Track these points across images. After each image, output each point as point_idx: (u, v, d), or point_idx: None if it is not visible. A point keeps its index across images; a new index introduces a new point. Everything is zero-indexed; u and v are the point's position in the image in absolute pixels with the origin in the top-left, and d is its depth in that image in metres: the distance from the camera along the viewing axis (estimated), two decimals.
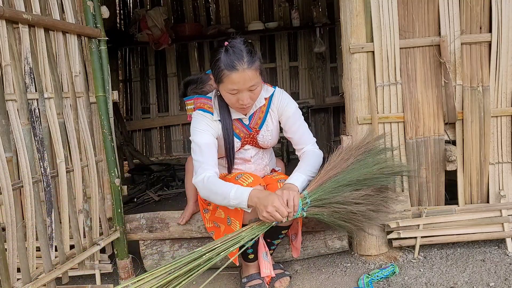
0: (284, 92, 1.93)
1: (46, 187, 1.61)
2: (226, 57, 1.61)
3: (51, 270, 1.61)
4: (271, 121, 1.91)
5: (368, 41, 2.04)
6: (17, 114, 1.48)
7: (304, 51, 5.17)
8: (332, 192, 1.71)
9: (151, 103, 5.30)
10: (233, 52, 1.61)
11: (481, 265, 1.98)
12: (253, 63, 1.63)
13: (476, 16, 2.02)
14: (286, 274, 1.98)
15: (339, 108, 5.03)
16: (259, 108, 1.87)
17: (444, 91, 2.04)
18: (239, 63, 1.60)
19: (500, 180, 2.11)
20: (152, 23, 4.61)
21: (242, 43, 1.65)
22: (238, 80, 1.62)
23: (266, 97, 1.88)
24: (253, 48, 1.68)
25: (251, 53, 1.64)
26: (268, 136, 1.91)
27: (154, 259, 2.16)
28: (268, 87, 1.90)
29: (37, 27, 1.62)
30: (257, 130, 1.89)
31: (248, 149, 1.92)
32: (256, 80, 1.66)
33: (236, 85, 1.64)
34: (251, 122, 1.87)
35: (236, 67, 1.60)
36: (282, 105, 1.89)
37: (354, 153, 1.87)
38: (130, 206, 3.45)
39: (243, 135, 1.88)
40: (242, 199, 1.59)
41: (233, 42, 1.65)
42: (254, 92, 1.70)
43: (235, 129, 1.86)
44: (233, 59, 1.60)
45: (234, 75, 1.61)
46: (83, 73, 1.91)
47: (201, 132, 1.77)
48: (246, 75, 1.62)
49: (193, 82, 2.23)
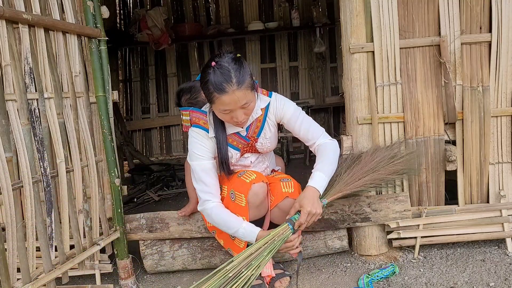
0: (279, 97, 1.88)
1: (46, 187, 1.61)
2: (214, 78, 1.57)
3: (51, 270, 1.61)
4: (269, 128, 1.88)
5: (368, 41, 2.04)
6: (17, 114, 1.48)
7: (304, 51, 5.18)
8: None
9: (151, 103, 5.30)
10: (221, 74, 1.56)
11: (481, 265, 1.98)
12: (242, 82, 1.58)
13: (476, 16, 2.02)
14: (286, 274, 1.97)
15: (339, 108, 5.03)
16: (256, 119, 1.84)
17: (444, 91, 2.04)
18: (228, 85, 1.56)
19: (500, 180, 2.11)
20: (152, 23, 4.61)
21: (230, 61, 1.59)
22: (229, 102, 1.59)
23: (263, 108, 1.84)
24: (241, 64, 1.61)
25: (240, 71, 1.58)
26: (267, 143, 1.90)
27: (154, 259, 2.16)
28: (263, 96, 1.85)
29: (37, 27, 1.62)
30: (256, 139, 1.87)
31: (248, 156, 1.92)
32: (248, 98, 1.62)
33: (228, 106, 1.60)
34: (249, 132, 1.85)
35: (225, 90, 1.56)
36: (279, 110, 1.85)
37: (370, 162, 1.92)
38: (130, 206, 3.45)
39: (242, 145, 1.87)
40: (251, 238, 1.70)
41: (221, 62, 1.59)
42: (248, 108, 1.65)
43: (233, 142, 1.84)
44: (221, 81, 1.56)
45: (224, 97, 1.57)
46: (83, 73, 1.91)
47: (199, 158, 1.77)
48: (236, 96, 1.58)
49: (187, 91, 2.15)
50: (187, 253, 2.15)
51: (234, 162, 1.90)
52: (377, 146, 2.05)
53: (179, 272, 2.20)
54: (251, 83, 1.63)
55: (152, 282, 2.15)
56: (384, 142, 2.09)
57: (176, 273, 2.20)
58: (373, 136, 2.08)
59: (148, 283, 2.14)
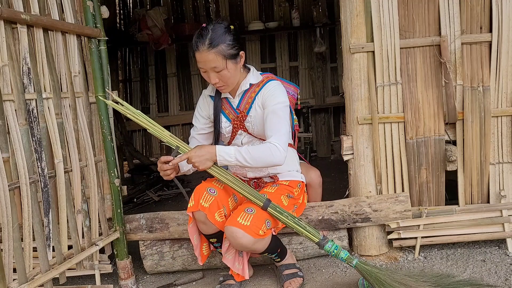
0: (277, 86, 1.85)
1: (44, 187, 1.60)
2: (195, 37, 1.74)
3: (47, 271, 1.60)
4: (255, 108, 1.87)
5: (368, 41, 2.04)
6: (14, 114, 1.47)
7: (304, 51, 5.16)
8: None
9: (151, 103, 5.29)
10: (200, 34, 1.72)
11: (481, 265, 1.97)
12: (215, 46, 1.69)
13: (477, 16, 2.01)
14: (299, 275, 1.92)
15: (339, 108, 5.02)
16: (248, 93, 1.88)
17: (445, 91, 2.03)
18: (200, 44, 1.71)
19: (500, 180, 2.10)
20: (152, 23, 4.60)
21: (215, 27, 1.73)
22: (199, 60, 1.73)
23: (253, 83, 1.87)
24: (224, 32, 1.72)
25: (218, 37, 1.70)
26: (256, 123, 1.87)
27: (154, 259, 2.15)
28: (258, 75, 1.90)
29: (35, 27, 1.61)
30: (245, 115, 1.88)
31: (241, 134, 1.92)
32: (218, 63, 1.71)
33: (200, 64, 1.75)
34: (240, 105, 1.89)
35: (197, 48, 1.72)
36: (265, 96, 1.83)
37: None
38: (130, 206, 3.45)
39: (232, 117, 1.91)
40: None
41: (208, 25, 1.74)
42: (221, 74, 1.74)
43: (225, 109, 1.93)
44: (197, 40, 1.72)
45: (197, 54, 1.73)
46: (82, 73, 1.91)
47: (195, 117, 1.99)
48: (206, 56, 1.70)
49: None
50: (187, 254, 2.15)
51: (228, 137, 1.93)
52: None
53: (179, 272, 2.20)
54: (227, 52, 1.72)
55: (152, 282, 2.14)
56: (384, 143, 2.08)
57: (176, 274, 2.20)
58: (373, 136, 2.07)
59: (148, 283, 2.14)
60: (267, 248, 1.79)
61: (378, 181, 2.11)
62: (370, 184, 2.12)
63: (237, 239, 1.66)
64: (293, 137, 2.11)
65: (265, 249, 1.79)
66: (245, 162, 1.70)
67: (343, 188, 2.33)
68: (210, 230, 1.79)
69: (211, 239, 1.85)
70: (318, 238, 1.73)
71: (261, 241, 1.72)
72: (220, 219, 1.75)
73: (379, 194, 2.11)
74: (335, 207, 2.10)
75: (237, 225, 1.66)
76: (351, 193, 2.19)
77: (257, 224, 1.68)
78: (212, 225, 1.74)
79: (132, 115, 1.74)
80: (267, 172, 1.95)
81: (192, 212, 1.76)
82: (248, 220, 1.67)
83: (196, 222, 1.79)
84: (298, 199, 1.96)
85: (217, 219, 1.74)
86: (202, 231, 1.82)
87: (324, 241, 1.73)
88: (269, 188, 1.90)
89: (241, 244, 1.68)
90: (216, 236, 1.81)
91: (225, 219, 1.76)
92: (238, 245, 1.70)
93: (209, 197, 1.74)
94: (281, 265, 1.96)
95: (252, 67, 1.93)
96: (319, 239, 1.73)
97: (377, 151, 2.08)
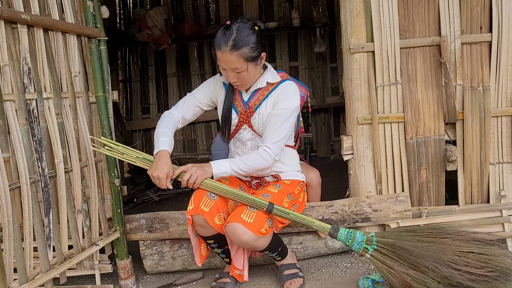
0: (292, 89, 1.85)
1: (44, 187, 1.60)
2: (218, 35, 1.72)
3: (48, 270, 1.60)
4: (265, 106, 1.87)
5: (368, 41, 2.04)
6: (15, 114, 1.47)
7: (304, 51, 5.16)
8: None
9: (151, 103, 5.29)
10: (224, 34, 1.69)
11: None
12: (238, 49, 1.67)
13: (477, 16, 2.01)
14: (299, 276, 1.92)
15: (339, 108, 5.02)
16: (261, 91, 1.88)
17: (445, 91, 2.03)
18: (223, 44, 1.68)
19: (500, 180, 2.10)
20: (152, 23, 4.60)
21: (240, 27, 1.70)
22: (220, 59, 1.72)
23: (270, 82, 1.87)
24: (249, 34, 1.70)
25: (242, 38, 1.68)
26: (262, 120, 1.87)
27: (154, 259, 2.15)
28: (276, 76, 1.89)
29: (36, 27, 1.61)
30: (253, 111, 1.88)
31: (245, 129, 1.92)
32: (239, 65, 1.70)
33: (220, 63, 1.74)
34: (250, 100, 1.89)
35: (220, 47, 1.70)
36: (282, 97, 1.83)
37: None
38: (130, 206, 3.45)
39: (240, 109, 1.91)
40: (156, 150, 1.81)
41: (232, 24, 1.72)
42: (240, 75, 1.74)
43: (235, 101, 1.93)
44: (220, 39, 1.70)
45: (218, 53, 1.71)
46: (82, 73, 1.91)
47: (200, 88, 1.98)
48: (227, 57, 1.69)
49: None
50: (187, 253, 2.15)
51: (231, 129, 1.94)
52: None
53: (179, 272, 2.20)
54: (250, 54, 1.71)
55: (152, 282, 2.14)
56: (384, 143, 2.08)
57: (176, 274, 2.20)
58: (373, 136, 2.08)
59: (148, 283, 2.14)
60: (268, 246, 1.79)
61: (378, 181, 2.11)
62: (370, 184, 2.12)
63: (239, 235, 1.66)
64: (296, 139, 2.12)
65: (266, 246, 1.79)
66: (240, 171, 1.78)
67: (343, 188, 2.33)
68: (208, 233, 1.79)
69: (208, 241, 1.85)
70: (328, 227, 1.74)
71: (262, 239, 1.72)
72: (219, 222, 1.75)
73: (379, 194, 2.11)
74: (335, 207, 2.10)
75: (240, 221, 1.67)
76: (351, 193, 2.19)
77: (259, 221, 1.69)
78: (211, 228, 1.74)
79: (129, 158, 1.80)
80: (270, 171, 1.96)
81: (191, 215, 1.76)
82: (251, 218, 1.68)
83: (195, 225, 1.78)
84: (298, 198, 1.96)
85: (217, 223, 1.74)
86: (200, 233, 1.81)
87: (335, 230, 1.73)
88: (271, 187, 1.90)
89: (242, 241, 1.68)
90: (214, 238, 1.81)
91: (224, 222, 1.76)
92: (240, 242, 1.70)
93: (209, 202, 1.74)
94: (282, 265, 1.96)
95: (269, 64, 1.91)
96: (330, 229, 1.74)
97: (377, 151, 2.08)
